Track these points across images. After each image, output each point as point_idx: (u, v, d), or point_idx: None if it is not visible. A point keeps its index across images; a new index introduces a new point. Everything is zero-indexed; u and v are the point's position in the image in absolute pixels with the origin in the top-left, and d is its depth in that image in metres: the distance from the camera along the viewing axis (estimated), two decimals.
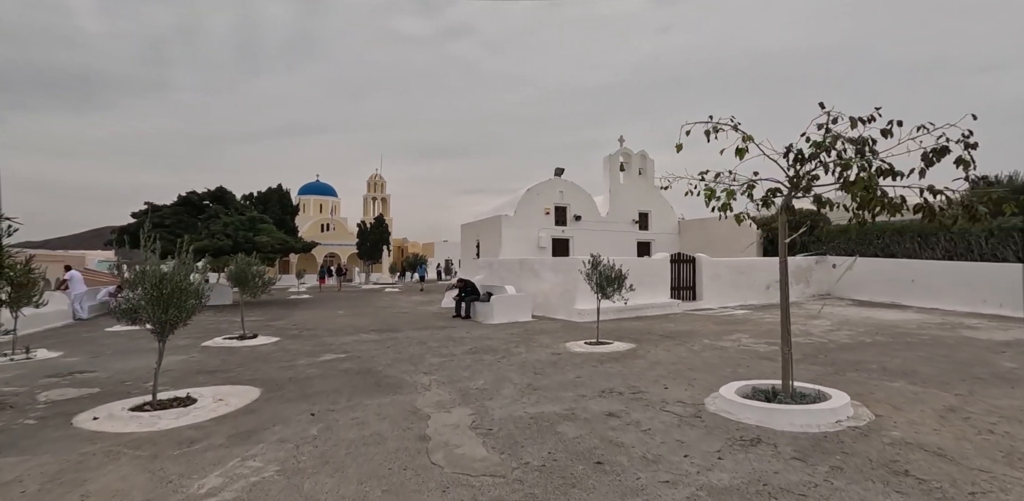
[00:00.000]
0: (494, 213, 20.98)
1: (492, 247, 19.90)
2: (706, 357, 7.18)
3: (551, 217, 19.97)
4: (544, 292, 13.26)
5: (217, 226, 16.98)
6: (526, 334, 9.72)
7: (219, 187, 18.28)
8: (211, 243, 16.29)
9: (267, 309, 16.44)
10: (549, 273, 13.28)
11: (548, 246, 19.70)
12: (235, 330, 10.63)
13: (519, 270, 14.90)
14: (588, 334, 9.46)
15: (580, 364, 6.81)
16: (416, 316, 13.59)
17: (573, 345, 8.27)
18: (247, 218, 18.03)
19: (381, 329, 10.79)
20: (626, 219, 21.58)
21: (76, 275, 14.80)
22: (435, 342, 8.85)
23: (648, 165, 22.30)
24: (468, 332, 10.10)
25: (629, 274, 13.10)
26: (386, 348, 8.28)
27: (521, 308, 12.13)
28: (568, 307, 12.27)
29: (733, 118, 4.51)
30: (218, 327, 11.66)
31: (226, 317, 13.70)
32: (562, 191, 20.24)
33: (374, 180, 52.48)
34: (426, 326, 11.23)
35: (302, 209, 50.47)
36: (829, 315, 11.78)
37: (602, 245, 20.52)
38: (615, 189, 21.36)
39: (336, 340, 9.27)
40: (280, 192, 42.77)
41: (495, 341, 8.88)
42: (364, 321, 12.43)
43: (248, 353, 8.03)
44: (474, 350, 7.98)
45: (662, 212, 22.58)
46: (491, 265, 17.01)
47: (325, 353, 7.92)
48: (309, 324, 12.02)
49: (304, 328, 11.22)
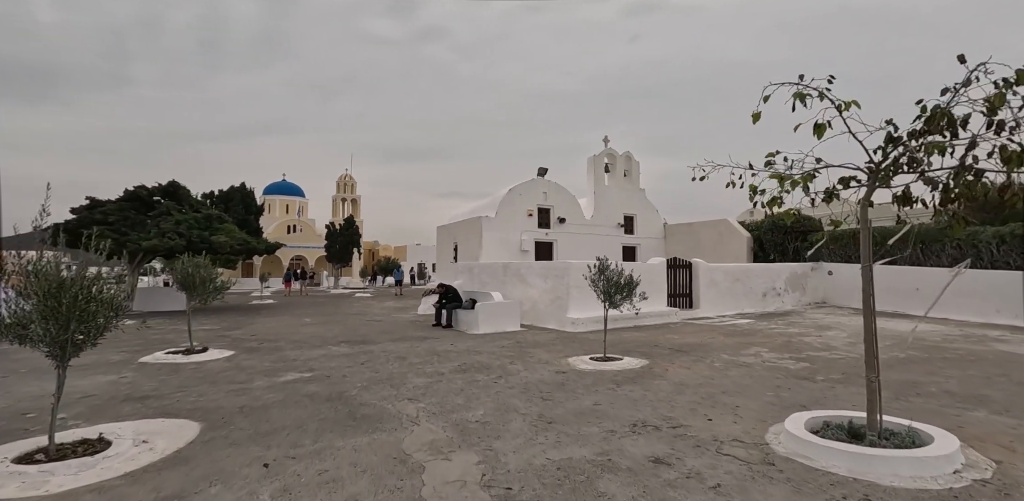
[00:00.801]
0: (473, 215, 19.87)
1: (471, 250, 18.78)
2: (734, 377, 6.24)
3: (534, 219, 18.98)
4: (532, 299, 12.22)
5: (168, 224, 15.37)
6: (519, 347, 8.64)
7: (171, 181, 16.63)
8: (161, 243, 14.70)
9: (224, 316, 14.91)
10: (538, 279, 12.25)
11: (531, 250, 18.69)
12: (183, 341, 9.24)
13: (503, 275, 13.83)
14: (588, 347, 8.46)
15: (593, 386, 5.78)
16: (391, 325, 12.35)
17: (576, 361, 7.24)
18: (203, 216, 16.44)
19: (353, 340, 9.55)
20: (611, 222, 20.76)
21: None
22: (417, 357, 7.68)
23: (633, 167, 21.57)
24: (453, 344, 8.97)
25: None
26: (360, 365, 7.08)
27: (509, 317, 11.06)
28: (560, 316, 11.26)
29: (831, 79, 3.55)
30: (164, 338, 10.21)
31: (177, 325, 12.20)
32: (546, 192, 19.29)
33: (344, 180, 50.68)
34: (404, 337, 10.04)
35: (267, 210, 48.30)
36: (838, 325, 11.09)
37: (587, 249, 19.64)
38: (600, 191, 20.53)
39: (301, 354, 8.01)
40: (243, 191, 40.73)
41: (486, 356, 7.77)
42: (333, 331, 11.14)
43: (193, 372, 6.72)
44: (464, 367, 6.86)
45: (647, 216, 21.86)
46: (471, 269, 15.89)
47: (287, 371, 6.67)
48: (270, 334, 10.67)
49: (264, 339, 9.88)
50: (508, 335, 10.19)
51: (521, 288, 12.84)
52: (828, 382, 5.94)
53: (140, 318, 14.35)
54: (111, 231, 15.25)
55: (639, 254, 21.44)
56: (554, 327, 11.26)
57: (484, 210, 19.03)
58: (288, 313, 15.87)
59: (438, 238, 24.16)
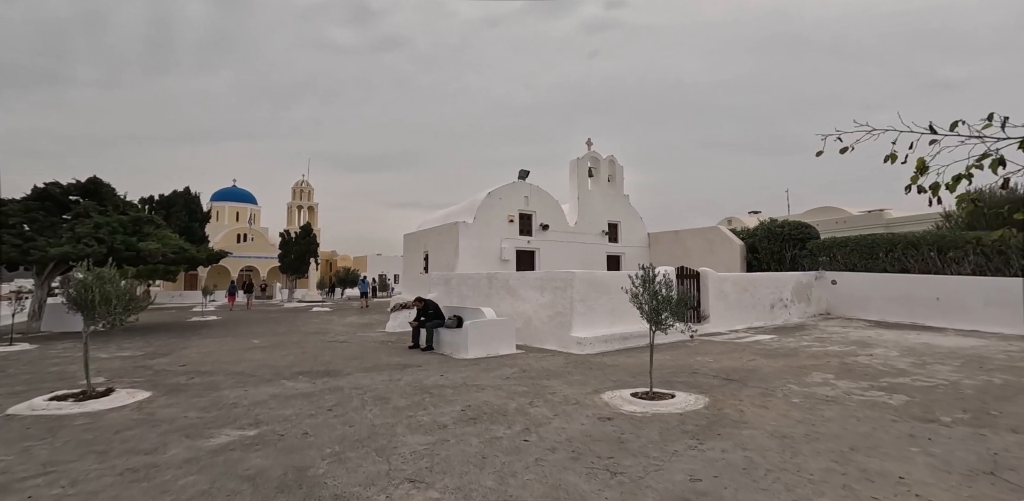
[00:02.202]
0: (447, 220, 18.05)
1: (445, 260, 16.92)
2: (836, 419, 4.70)
3: (515, 226, 17.32)
4: (525, 315, 10.51)
5: (86, 228, 12.86)
6: (528, 378, 6.89)
7: (92, 178, 14.05)
8: (74, 249, 12.20)
9: (152, 337, 12.48)
10: (533, 291, 10.56)
11: (512, 258, 16.99)
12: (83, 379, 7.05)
13: (487, 287, 12.06)
14: (614, 375, 6.82)
15: (665, 443, 4.10)
16: (359, 347, 10.35)
17: (614, 398, 5.56)
18: (130, 219, 13.95)
19: (314, 371, 7.56)
20: (595, 230, 19.33)
21: None
22: (402, 397, 5.82)
23: (618, 172, 20.30)
24: (443, 375, 7.12)
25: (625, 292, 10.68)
26: (326, 412, 5.17)
27: (503, 337, 9.29)
28: (562, 335, 9.58)
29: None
30: (64, 370, 7.93)
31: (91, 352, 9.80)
32: (527, 196, 17.69)
33: (300, 187, 47.75)
34: (378, 364, 8.11)
35: (215, 217, 44.84)
36: (872, 340, 9.84)
37: (570, 258, 18.13)
38: (584, 196, 19.10)
39: (244, 394, 6.00)
40: (187, 196, 37.43)
41: (492, 393, 5.99)
42: (288, 357, 9.07)
43: (81, 432, 4.65)
44: (471, 413, 5.06)
45: (631, 223, 20.58)
46: (448, 281, 14.05)
47: (221, 427, 4.70)
48: (206, 362, 8.52)
49: (197, 371, 7.75)
50: (505, 360, 8.42)
51: (510, 302, 11.12)
52: (966, 425, 4.47)
53: (46, 341, 11.87)
54: (12, 235, 12.66)
55: (624, 263, 20.10)
56: (555, 348, 9.57)
57: (460, 215, 17.24)
58: (232, 333, 13.54)
59: (405, 247, 22.16)
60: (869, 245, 14.33)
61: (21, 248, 12.46)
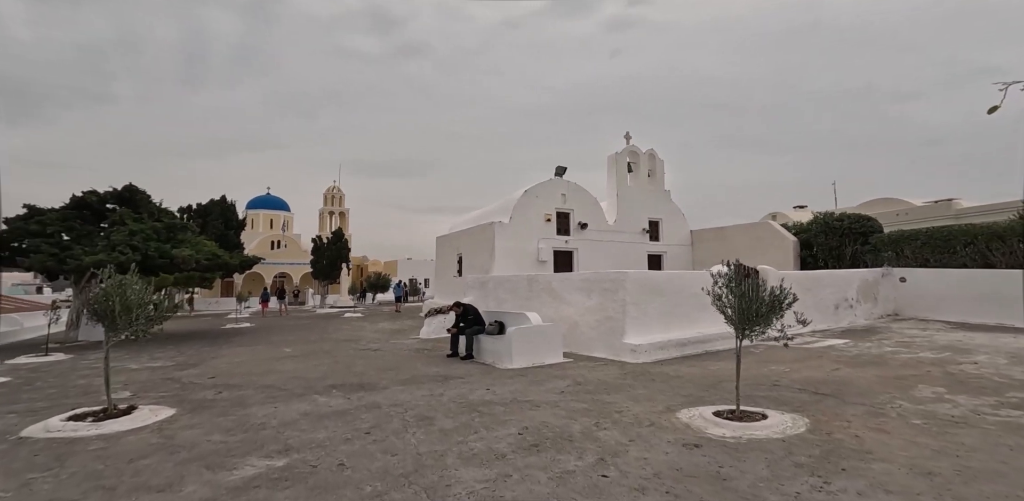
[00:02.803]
0: (480, 221, 17.45)
1: (480, 262, 16.31)
2: (989, 449, 3.80)
3: (552, 225, 16.58)
4: (570, 320, 9.76)
5: (120, 235, 12.70)
6: (584, 391, 6.14)
7: (127, 185, 13.95)
8: (109, 257, 12.01)
9: (184, 346, 12.20)
10: (578, 294, 9.80)
11: (549, 259, 16.26)
12: (113, 388, 6.64)
13: (527, 290, 11.37)
14: (682, 388, 6.03)
15: (777, 483, 3.30)
16: (394, 356, 9.78)
17: (694, 418, 4.77)
18: (164, 226, 13.77)
19: (347, 384, 6.97)
20: (635, 228, 18.43)
21: None
22: (447, 415, 5.15)
23: (658, 166, 19.36)
24: (489, 388, 6.44)
25: (680, 293, 9.81)
26: (363, 436, 4.53)
27: (549, 344, 8.56)
28: (612, 341, 8.80)
29: None
30: (91, 383, 7.56)
31: (122, 362, 9.51)
32: (564, 194, 16.93)
33: (331, 192, 48.03)
34: (416, 376, 7.48)
35: (250, 225, 45.38)
36: (964, 345, 8.73)
37: (610, 258, 17.30)
38: (623, 193, 18.24)
39: (272, 413, 5.43)
40: (223, 205, 37.90)
41: (548, 410, 5.26)
42: (320, 367, 8.54)
43: (93, 459, 4.13)
44: (530, 438, 4.35)
45: (673, 221, 19.59)
46: (484, 284, 13.41)
47: (247, 455, 4.11)
48: (236, 374, 8.05)
49: (225, 383, 7.27)
50: (554, 371, 7.68)
51: (553, 306, 10.38)
52: None
53: (81, 351, 11.71)
54: (50, 244, 12.58)
55: (665, 263, 19.13)
56: (606, 356, 8.78)
57: (495, 215, 16.60)
58: (265, 340, 13.18)
59: (437, 250, 21.70)
60: (944, 238, 13.06)
61: (58, 257, 12.35)
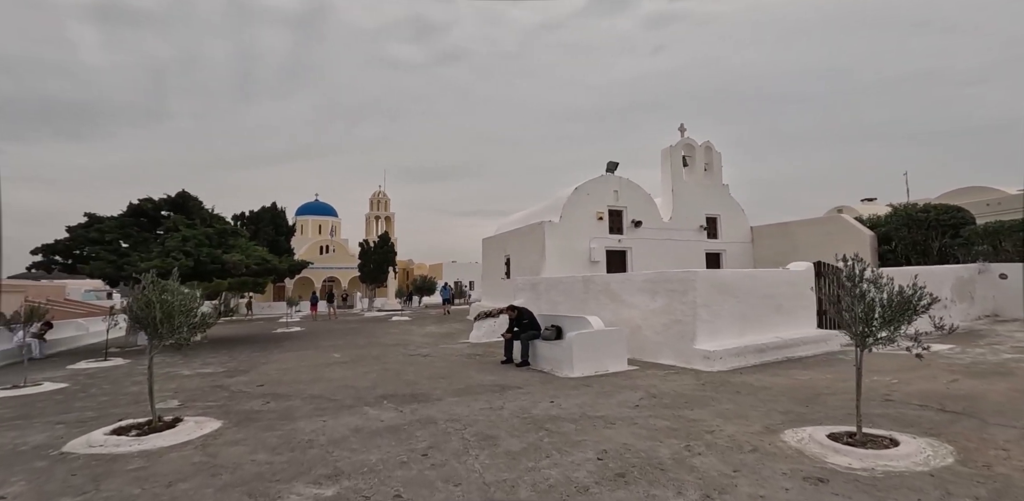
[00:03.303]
0: (528, 221, 16.88)
1: (529, 263, 15.74)
2: None
3: (604, 223, 15.83)
4: (631, 324, 9.03)
5: (174, 241, 12.85)
6: (661, 405, 5.44)
7: (180, 192, 14.19)
8: (164, 263, 12.13)
9: (236, 350, 12.17)
10: (640, 296, 9.06)
11: (602, 259, 15.51)
12: (166, 395, 6.43)
13: (583, 292, 10.70)
14: (770, 400, 5.23)
15: None
16: (445, 362, 9.31)
17: (803, 441, 4.01)
18: (216, 231, 13.89)
19: (399, 395, 6.51)
20: (692, 225, 17.43)
21: None
22: (511, 434, 4.57)
23: (715, 159, 18.28)
24: (553, 401, 5.83)
25: (755, 294, 8.91)
26: (420, 459, 4.01)
27: (612, 350, 7.87)
28: (682, 347, 8.02)
29: None
30: (143, 391, 7.39)
31: (174, 368, 9.45)
32: (617, 191, 16.15)
33: (377, 197, 48.66)
34: (471, 385, 6.96)
35: (300, 231, 46.50)
36: None
37: (665, 257, 16.37)
38: (678, 188, 17.28)
39: (321, 428, 5.01)
40: (274, 211, 38.89)
41: (626, 429, 4.60)
42: (370, 375, 8.15)
43: (125, 484, 3.77)
44: (612, 466, 3.71)
45: (732, 216, 18.44)
46: (535, 286, 12.82)
47: (293, 479, 3.65)
48: (284, 382, 7.75)
49: (273, 392, 6.95)
50: (621, 380, 6.99)
51: (612, 309, 9.68)
52: None
53: (140, 355, 11.81)
54: (108, 251, 12.84)
55: (724, 261, 18.01)
56: (674, 363, 8.02)
57: (544, 215, 15.99)
58: (313, 345, 13.03)
59: (484, 252, 21.27)
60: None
61: (116, 264, 12.59)
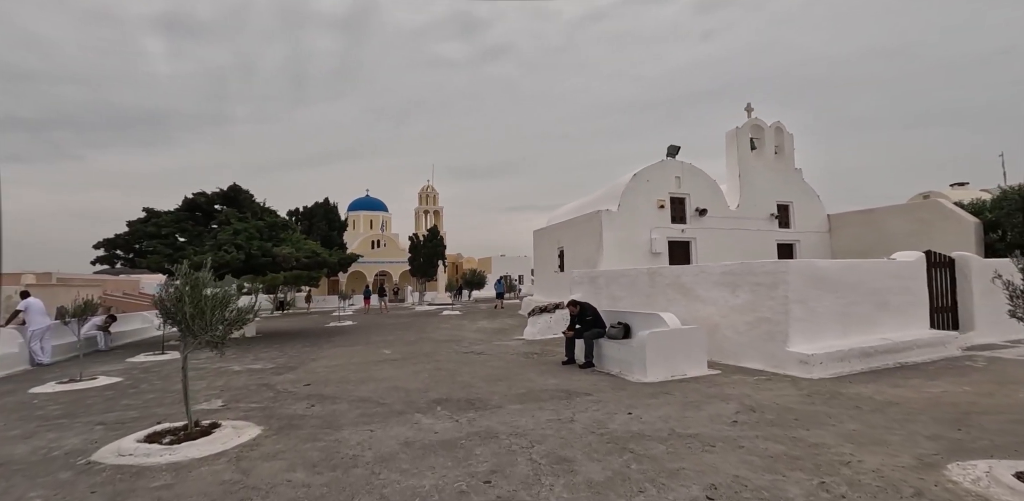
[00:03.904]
0: (583, 211, 15.98)
1: (585, 255, 14.86)
2: None
3: (666, 212, 14.73)
4: (708, 321, 8.05)
5: (225, 235, 12.77)
6: (765, 421, 4.52)
7: (232, 185, 14.15)
8: (216, 257, 12.04)
9: (288, 344, 11.96)
10: (718, 290, 8.06)
11: (663, 251, 14.45)
12: (213, 393, 6.07)
13: (648, 286, 9.77)
14: (905, 419, 4.23)
15: None
16: (501, 361, 8.64)
17: (980, 482, 3.04)
18: (267, 224, 13.77)
19: (453, 399, 5.87)
20: (761, 214, 16.04)
21: (35, 304, 10.81)
22: (589, 457, 3.80)
23: (786, 141, 16.76)
24: (632, 413, 5.01)
25: (857, 288, 7.73)
26: (481, 487, 3.30)
27: (690, 352, 6.95)
28: (771, 349, 7.00)
29: None
30: (192, 389, 7.09)
31: (224, 363, 9.23)
32: (679, 177, 15.00)
33: (426, 191, 48.72)
34: (532, 390, 6.23)
35: (352, 226, 47.19)
36: None
37: (732, 248, 15.11)
38: (746, 174, 15.91)
39: (367, 439, 4.40)
40: (327, 207, 39.60)
41: (732, 455, 3.74)
42: (421, 375, 7.57)
43: (156, 497, 3.25)
44: None
45: (806, 204, 16.88)
46: (594, 280, 11.96)
47: None
48: (332, 381, 7.28)
49: (319, 393, 6.46)
50: (704, 386, 6.08)
51: (684, 304, 8.72)
52: None
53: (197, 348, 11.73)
54: (164, 245, 12.91)
55: (798, 253, 16.51)
56: (762, 367, 7.02)
57: (600, 204, 15.05)
58: (364, 340, 12.68)
59: (535, 244, 20.52)
60: None
61: (172, 257, 12.62)
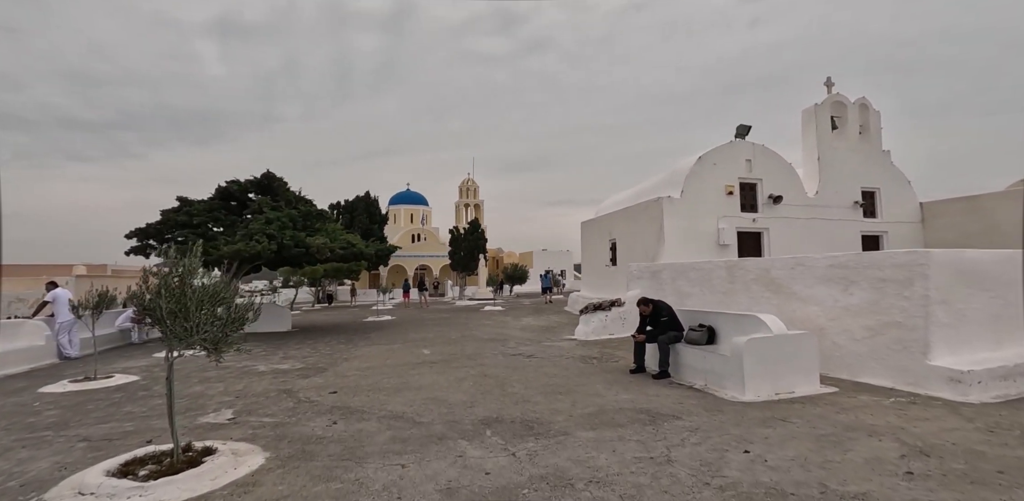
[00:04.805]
0: (638, 199, 14.54)
1: (642, 247, 13.45)
2: None
3: (735, 199, 13.15)
4: (810, 324, 6.60)
5: (257, 224, 12.04)
6: (956, 474, 3.15)
7: (265, 173, 13.42)
8: (246, 247, 11.32)
9: (321, 340, 11.13)
10: (823, 287, 6.60)
11: (732, 242, 12.88)
12: (213, 409, 5.11)
13: (727, 282, 8.35)
14: None
15: None
16: (557, 367, 7.43)
17: None
18: (301, 213, 12.99)
19: (505, 419, 4.70)
20: (843, 201, 14.19)
21: (62, 296, 10.32)
22: None
23: (872, 120, 14.80)
24: (750, 450, 3.72)
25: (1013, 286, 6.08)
26: None
27: (799, 363, 5.55)
28: (905, 362, 5.52)
29: None
30: (203, 393, 6.22)
31: (253, 363, 8.42)
32: (750, 160, 13.36)
33: (466, 185, 47.93)
34: (604, 409, 5.00)
35: (392, 219, 46.91)
36: None
37: (810, 239, 13.38)
38: (826, 156, 14.09)
39: (396, 484, 3.29)
40: (368, 200, 39.23)
41: None
42: (465, 383, 6.45)
43: None
44: None
45: (895, 190, 14.88)
46: (656, 274, 10.58)
47: None
48: (362, 388, 6.25)
49: (346, 406, 5.42)
50: (828, 411, 4.70)
51: (775, 303, 7.28)
52: None
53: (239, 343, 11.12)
54: (196, 235, 12.29)
55: (885, 245, 14.58)
56: (891, 385, 5.55)
57: (660, 190, 13.59)
58: (402, 337, 11.72)
59: (582, 237, 19.18)
60: None
61: (203, 248, 12.00)
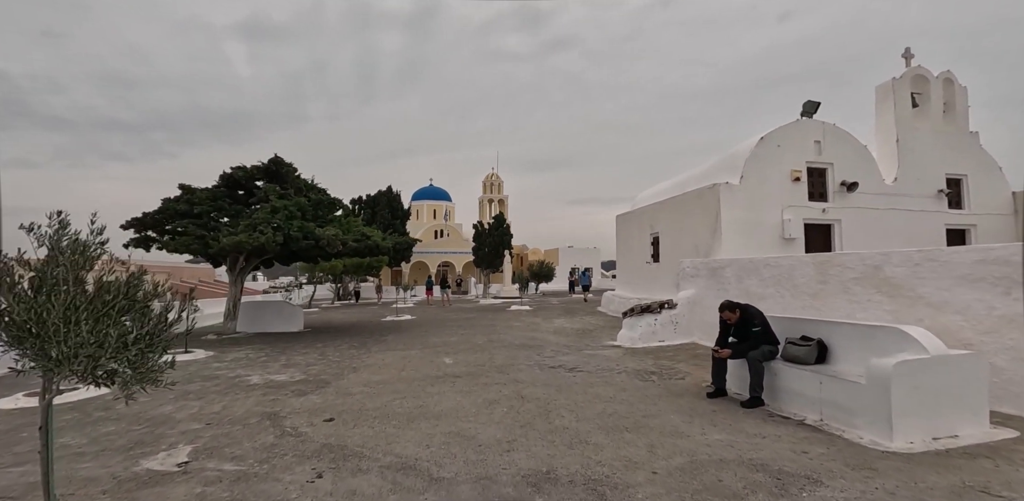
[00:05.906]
0: (685, 188, 12.92)
1: (692, 241, 11.85)
2: None
3: (802, 186, 11.44)
4: (951, 338, 4.98)
5: (263, 213, 10.84)
6: None
7: (273, 158, 12.21)
8: (249, 238, 10.12)
9: (334, 344, 9.87)
10: (970, 289, 4.99)
11: (799, 235, 11.18)
12: (168, 443, 3.80)
13: (817, 282, 6.78)
14: None
15: None
16: (610, 386, 5.97)
17: None
18: (311, 202, 11.75)
19: (562, 477, 3.27)
20: (926, 190, 12.33)
21: None
22: None
23: (958, 96, 12.88)
24: None
25: None
26: None
27: (963, 396, 3.97)
28: None
29: None
30: (183, 407, 4.94)
31: (248, 371, 7.17)
32: (819, 141, 11.62)
33: (490, 180, 46.61)
34: (699, 460, 3.53)
35: (415, 215, 45.93)
36: None
37: (887, 233, 11.58)
38: (906, 139, 12.26)
39: None
40: (390, 195, 38.16)
41: None
42: (498, 411, 5.04)
43: None
44: None
45: (984, 177, 12.94)
46: (716, 272, 9.03)
47: None
48: (366, 414, 4.90)
49: (339, 445, 4.07)
50: (1020, 466, 3.15)
51: (888, 309, 5.69)
52: None
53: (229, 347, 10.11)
54: (197, 225, 11.16)
55: (974, 239, 12.68)
56: None
57: (714, 176, 11.95)
58: (421, 341, 10.39)
59: (617, 231, 17.61)
60: None
61: (204, 239, 10.85)
